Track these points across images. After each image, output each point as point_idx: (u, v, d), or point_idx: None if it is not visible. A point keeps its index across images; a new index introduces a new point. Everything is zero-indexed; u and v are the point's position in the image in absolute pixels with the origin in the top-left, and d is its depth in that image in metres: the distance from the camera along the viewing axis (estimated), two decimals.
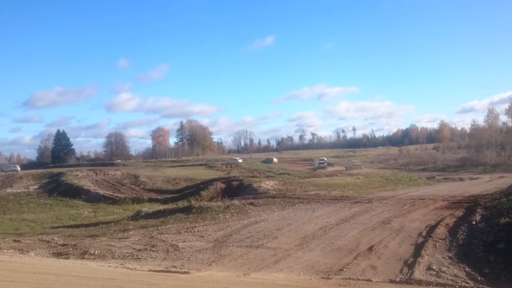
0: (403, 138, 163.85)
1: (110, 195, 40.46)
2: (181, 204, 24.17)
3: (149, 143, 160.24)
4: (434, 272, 8.17)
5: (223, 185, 36.86)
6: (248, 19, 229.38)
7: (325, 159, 76.61)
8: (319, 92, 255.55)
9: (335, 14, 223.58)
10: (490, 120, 72.28)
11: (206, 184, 39.48)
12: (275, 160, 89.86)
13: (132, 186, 47.82)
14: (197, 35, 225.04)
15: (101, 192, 41.97)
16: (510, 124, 70.22)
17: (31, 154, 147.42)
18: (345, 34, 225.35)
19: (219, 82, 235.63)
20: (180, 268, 9.07)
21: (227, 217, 16.53)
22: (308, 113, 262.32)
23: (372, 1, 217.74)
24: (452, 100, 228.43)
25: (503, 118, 72.69)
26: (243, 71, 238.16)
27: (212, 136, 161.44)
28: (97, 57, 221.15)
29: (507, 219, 10.95)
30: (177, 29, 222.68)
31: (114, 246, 12.01)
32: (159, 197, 37.92)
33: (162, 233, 13.71)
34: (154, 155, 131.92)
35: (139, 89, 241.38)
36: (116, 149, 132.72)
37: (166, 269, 8.96)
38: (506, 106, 72.44)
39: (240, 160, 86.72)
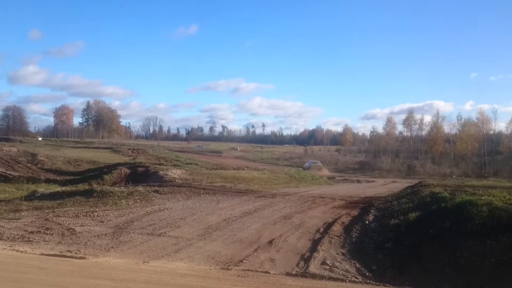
0: (309, 138, 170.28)
1: (2, 172, 37.41)
2: (82, 187, 23.07)
3: (51, 120, 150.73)
4: (328, 267, 8.60)
5: (128, 171, 35.69)
6: (173, 5, 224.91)
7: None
8: (235, 86, 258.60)
9: (260, 11, 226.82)
10: (388, 128, 77.99)
11: (110, 168, 37.96)
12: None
13: (29, 165, 44.67)
14: (119, 15, 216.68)
15: None
16: (405, 134, 76.04)
17: None
18: (267, 32, 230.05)
19: (135, 66, 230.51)
20: (76, 253, 8.67)
21: (130, 203, 16.09)
22: (221, 105, 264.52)
23: (296, 4, 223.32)
24: (357, 106, 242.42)
25: (400, 127, 78.45)
26: (162, 58, 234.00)
27: (120, 120, 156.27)
28: (7, 25, 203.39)
29: (396, 221, 11.87)
30: (98, 5, 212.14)
31: (3, 226, 11.16)
32: (58, 178, 35.74)
33: (59, 216, 13.00)
34: (55, 134, 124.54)
35: (49, 63, 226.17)
36: (13, 124, 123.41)
37: (60, 253, 8.52)
38: (403, 116, 78.24)
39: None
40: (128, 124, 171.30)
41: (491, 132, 68.53)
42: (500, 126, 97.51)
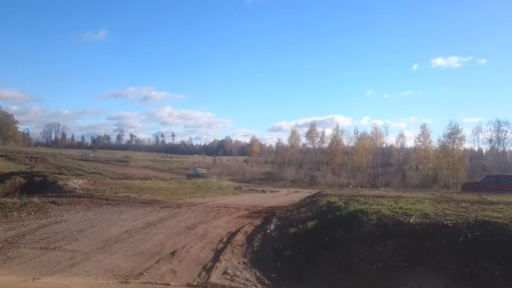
0: (218, 149, 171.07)
1: None
2: None
3: None
4: (229, 276, 8.77)
5: (23, 180, 33.33)
6: (81, 7, 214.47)
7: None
8: (145, 94, 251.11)
9: (174, 18, 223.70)
10: (292, 141, 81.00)
11: (2, 177, 35.18)
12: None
13: None
14: (20, 13, 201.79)
15: None
16: (308, 146, 79.61)
17: None
18: (179, 42, 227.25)
19: (36, 69, 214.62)
20: None
21: (22, 215, 15.06)
22: (130, 113, 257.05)
23: (209, 15, 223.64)
24: (265, 119, 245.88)
25: (304, 139, 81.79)
26: (67, 61, 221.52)
27: (18, 126, 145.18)
28: None
29: (295, 229, 12.40)
30: None
31: None
32: None
33: None
34: None
35: None
36: None
37: None
38: (307, 129, 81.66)
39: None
40: (26, 131, 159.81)
41: (384, 146, 74.48)
42: (391, 140, 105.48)
